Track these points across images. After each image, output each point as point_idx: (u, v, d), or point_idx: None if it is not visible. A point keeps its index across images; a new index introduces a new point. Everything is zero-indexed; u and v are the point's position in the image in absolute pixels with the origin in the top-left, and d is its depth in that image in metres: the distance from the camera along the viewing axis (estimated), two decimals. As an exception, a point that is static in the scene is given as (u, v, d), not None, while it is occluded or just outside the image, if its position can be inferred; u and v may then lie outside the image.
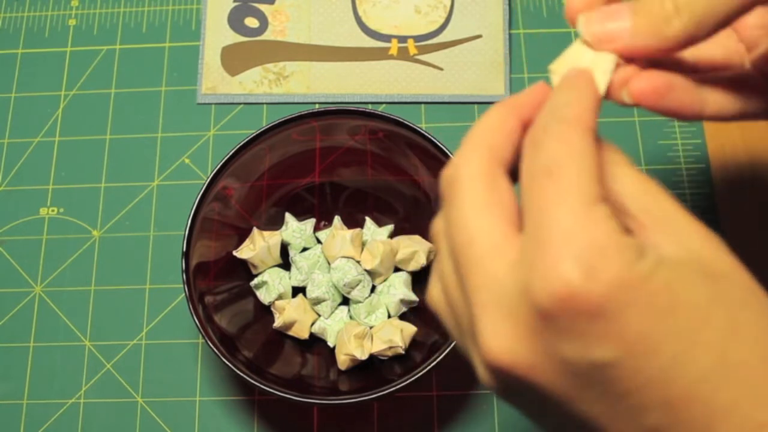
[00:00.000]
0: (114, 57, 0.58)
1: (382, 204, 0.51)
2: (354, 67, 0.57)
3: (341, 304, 0.49)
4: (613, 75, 0.28)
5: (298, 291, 0.49)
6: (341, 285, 0.47)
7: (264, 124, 0.52)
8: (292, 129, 0.47)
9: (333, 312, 0.48)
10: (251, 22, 0.58)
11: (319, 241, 0.50)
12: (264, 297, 0.48)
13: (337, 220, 0.50)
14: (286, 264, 0.50)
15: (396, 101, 0.56)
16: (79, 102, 0.57)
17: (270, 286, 0.48)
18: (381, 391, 0.41)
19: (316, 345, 0.48)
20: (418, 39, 0.57)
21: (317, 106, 0.56)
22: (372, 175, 0.50)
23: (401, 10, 0.57)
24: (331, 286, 0.48)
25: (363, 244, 0.49)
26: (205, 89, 0.57)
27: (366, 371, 0.46)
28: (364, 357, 0.45)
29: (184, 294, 0.44)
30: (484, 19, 0.57)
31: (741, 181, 0.52)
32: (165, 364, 0.50)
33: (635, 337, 0.23)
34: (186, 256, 0.44)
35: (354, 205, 0.51)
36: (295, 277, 0.49)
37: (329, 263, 0.48)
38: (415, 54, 0.57)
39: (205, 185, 0.46)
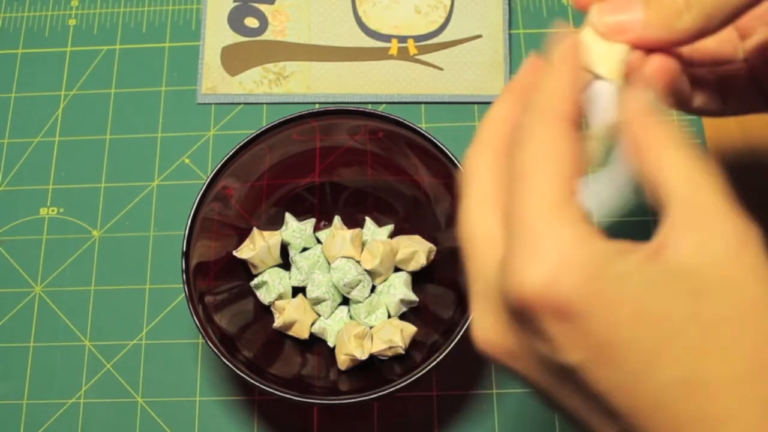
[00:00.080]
0: (114, 57, 0.58)
1: (382, 204, 0.51)
2: (354, 67, 0.57)
3: (341, 304, 0.49)
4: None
5: (298, 291, 0.49)
6: (341, 285, 0.47)
7: (264, 124, 0.52)
8: (292, 129, 0.47)
9: (333, 312, 0.48)
10: (251, 22, 0.58)
11: (319, 241, 0.50)
12: (264, 297, 0.48)
13: (337, 220, 0.50)
14: (286, 264, 0.50)
15: (396, 101, 0.56)
16: (79, 102, 0.57)
17: (270, 286, 0.48)
18: (381, 391, 0.41)
19: (316, 345, 0.48)
20: (418, 39, 0.57)
21: (317, 106, 0.56)
22: (372, 175, 0.50)
23: (401, 10, 0.57)
24: (331, 286, 0.48)
25: (363, 244, 0.49)
26: (205, 89, 0.57)
27: (366, 371, 0.46)
28: (364, 357, 0.45)
29: (184, 294, 0.44)
30: (484, 19, 0.57)
31: (741, 181, 0.52)
32: (165, 364, 0.50)
33: (598, 344, 0.24)
34: (186, 256, 0.44)
35: (354, 205, 0.51)
36: (295, 277, 0.49)
37: (329, 263, 0.48)
38: (415, 54, 0.57)
39: (205, 185, 0.46)
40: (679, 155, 0.25)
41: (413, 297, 0.48)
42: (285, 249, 0.50)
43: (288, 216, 0.50)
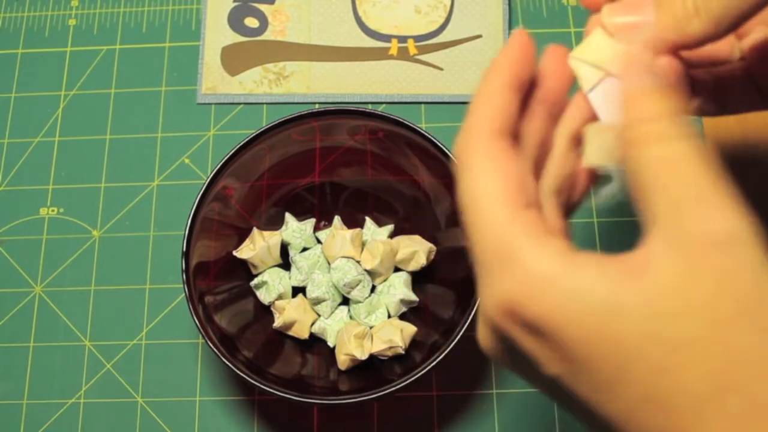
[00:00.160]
0: (114, 57, 0.58)
1: (382, 204, 0.51)
2: (354, 67, 0.57)
3: (341, 304, 0.49)
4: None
5: (298, 291, 0.49)
6: (341, 285, 0.47)
7: (264, 124, 0.52)
8: (292, 129, 0.47)
9: (333, 312, 0.48)
10: (251, 22, 0.58)
11: (319, 241, 0.50)
12: (264, 297, 0.48)
13: (337, 220, 0.50)
14: (286, 264, 0.50)
15: (396, 101, 0.56)
16: (79, 102, 0.57)
17: (270, 286, 0.48)
18: (381, 391, 0.41)
19: (316, 345, 0.48)
20: (418, 39, 0.57)
21: (317, 106, 0.56)
22: (372, 175, 0.50)
23: (401, 10, 0.57)
24: (331, 286, 0.48)
25: (363, 244, 0.49)
26: (205, 89, 0.57)
27: (366, 371, 0.46)
28: (364, 357, 0.45)
29: (184, 294, 0.44)
30: (484, 19, 0.57)
31: (741, 181, 0.52)
32: (165, 364, 0.50)
33: (570, 359, 0.24)
34: (186, 256, 0.44)
35: (354, 205, 0.51)
36: (295, 277, 0.49)
37: (329, 263, 0.48)
38: (415, 54, 0.57)
39: (205, 185, 0.46)
40: (664, 154, 0.25)
41: (413, 297, 0.48)
42: (285, 249, 0.50)
43: (288, 216, 0.50)
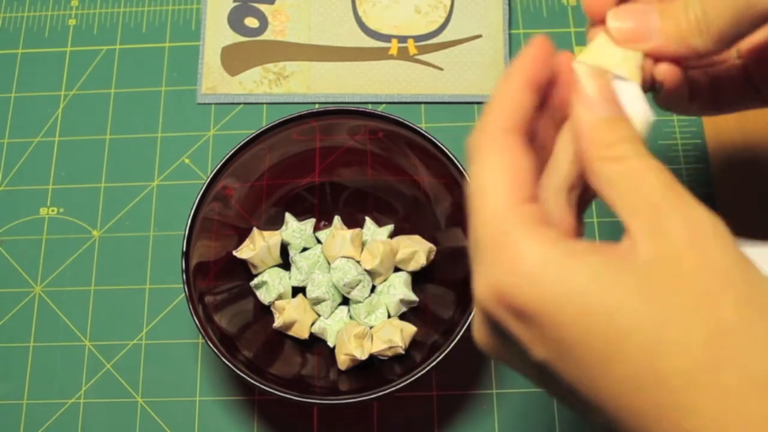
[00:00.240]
0: (114, 57, 0.58)
1: (382, 204, 0.51)
2: (354, 67, 0.57)
3: (341, 304, 0.49)
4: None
5: (298, 291, 0.49)
6: (341, 285, 0.47)
7: (264, 124, 0.52)
8: (292, 129, 0.47)
9: (333, 312, 0.48)
10: (251, 22, 0.58)
11: (319, 241, 0.50)
12: (264, 297, 0.48)
13: (337, 220, 0.50)
14: (286, 264, 0.50)
15: (396, 101, 0.56)
16: (79, 102, 0.57)
17: (270, 286, 0.48)
18: (381, 391, 0.41)
19: (316, 345, 0.48)
20: (418, 39, 0.57)
21: (317, 106, 0.56)
22: (372, 175, 0.50)
23: (401, 10, 0.57)
24: (331, 286, 0.48)
25: (363, 244, 0.49)
26: (205, 89, 0.57)
27: (366, 371, 0.46)
28: (364, 357, 0.45)
29: (184, 294, 0.44)
30: (484, 19, 0.57)
31: (742, 181, 0.52)
32: (165, 364, 0.50)
33: (555, 342, 0.24)
34: (186, 256, 0.44)
35: (354, 205, 0.51)
36: (295, 277, 0.49)
37: (329, 263, 0.48)
38: (415, 54, 0.57)
39: (205, 185, 0.46)
40: (620, 170, 0.26)
41: (413, 297, 0.48)
42: (285, 249, 0.50)
43: (288, 216, 0.50)
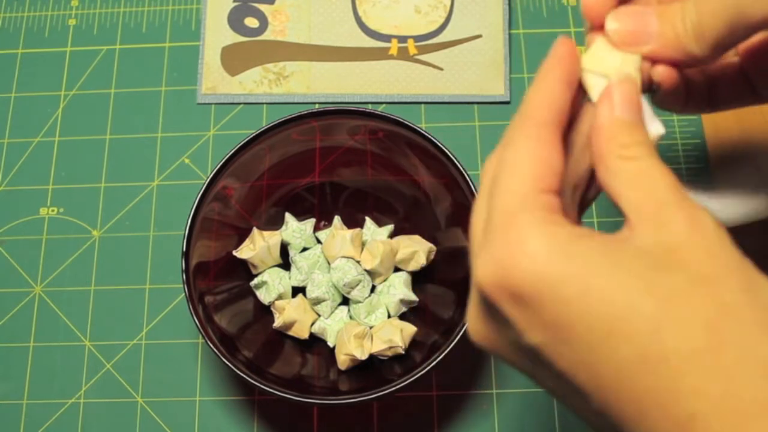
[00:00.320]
0: (114, 57, 0.58)
1: (382, 204, 0.51)
2: (354, 67, 0.57)
3: (341, 304, 0.49)
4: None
5: (298, 291, 0.49)
6: (341, 285, 0.47)
7: (264, 124, 0.52)
8: (292, 129, 0.47)
9: (333, 312, 0.48)
10: (251, 22, 0.58)
11: (319, 241, 0.50)
12: (264, 297, 0.48)
13: (337, 220, 0.50)
14: (286, 264, 0.50)
15: (396, 101, 0.56)
16: (79, 102, 0.57)
17: (270, 286, 0.48)
18: (381, 391, 0.41)
19: (316, 345, 0.48)
20: (418, 39, 0.57)
21: (317, 106, 0.56)
22: (372, 175, 0.50)
23: (401, 10, 0.57)
24: (331, 286, 0.48)
25: (363, 244, 0.49)
26: (205, 89, 0.57)
27: (366, 371, 0.46)
28: (364, 357, 0.45)
29: (184, 294, 0.44)
30: (484, 19, 0.57)
31: (741, 181, 0.52)
32: (165, 364, 0.50)
33: (553, 323, 0.24)
34: (186, 256, 0.44)
35: (354, 205, 0.51)
36: (295, 277, 0.49)
37: (329, 263, 0.48)
38: (415, 54, 0.57)
39: (205, 185, 0.46)
40: (631, 168, 0.26)
41: (413, 297, 0.48)
42: (285, 249, 0.50)
43: (288, 216, 0.50)
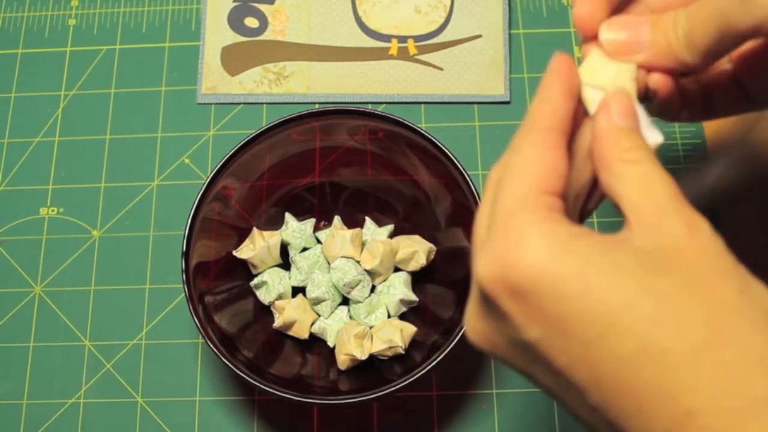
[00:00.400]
0: (114, 57, 0.58)
1: (382, 204, 0.51)
2: (354, 67, 0.57)
3: (341, 304, 0.49)
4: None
5: (298, 291, 0.49)
6: (341, 285, 0.47)
7: (264, 124, 0.52)
8: (292, 129, 0.47)
9: (333, 312, 0.48)
10: (251, 22, 0.58)
11: (319, 241, 0.50)
12: (264, 297, 0.48)
13: (337, 220, 0.50)
14: (286, 264, 0.50)
15: (396, 101, 0.56)
16: (79, 102, 0.57)
17: (270, 286, 0.48)
18: (381, 391, 0.41)
19: (316, 345, 0.48)
20: (418, 39, 0.57)
21: (317, 106, 0.56)
22: (372, 175, 0.50)
23: (401, 10, 0.57)
24: (331, 286, 0.48)
25: (363, 244, 0.49)
26: (205, 89, 0.57)
27: (366, 371, 0.46)
28: (364, 357, 0.45)
29: (184, 294, 0.44)
30: (484, 19, 0.57)
31: (741, 181, 0.52)
32: (165, 364, 0.50)
33: (551, 319, 0.25)
34: (186, 256, 0.44)
35: (354, 205, 0.51)
36: (295, 277, 0.49)
37: (329, 263, 0.48)
38: (415, 54, 0.57)
39: (205, 185, 0.46)
40: (633, 171, 0.27)
41: (413, 297, 0.48)
42: (285, 249, 0.50)
43: (288, 216, 0.50)
